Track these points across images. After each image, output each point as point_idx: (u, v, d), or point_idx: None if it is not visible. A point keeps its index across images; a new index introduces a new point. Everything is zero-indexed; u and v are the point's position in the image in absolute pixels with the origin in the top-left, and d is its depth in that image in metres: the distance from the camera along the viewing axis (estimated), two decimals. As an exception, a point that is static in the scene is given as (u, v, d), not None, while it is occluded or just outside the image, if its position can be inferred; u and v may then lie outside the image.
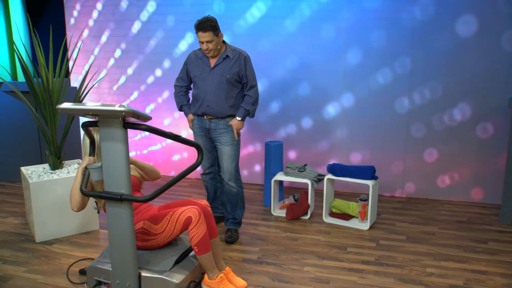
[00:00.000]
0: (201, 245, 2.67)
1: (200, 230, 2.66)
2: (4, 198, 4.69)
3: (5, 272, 3.12)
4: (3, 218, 4.11)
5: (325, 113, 4.70)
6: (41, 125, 3.75)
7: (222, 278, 2.75)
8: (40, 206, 3.59)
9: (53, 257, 3.34)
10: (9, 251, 3.44)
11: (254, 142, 5.03)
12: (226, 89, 3.40)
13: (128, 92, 5.47)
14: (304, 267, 3.16)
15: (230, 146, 3.48)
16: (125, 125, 2.37)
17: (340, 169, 3.89)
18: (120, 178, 2.43)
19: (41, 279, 3.01)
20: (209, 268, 2.74)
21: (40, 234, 3.61)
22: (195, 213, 2.68)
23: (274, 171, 4.26)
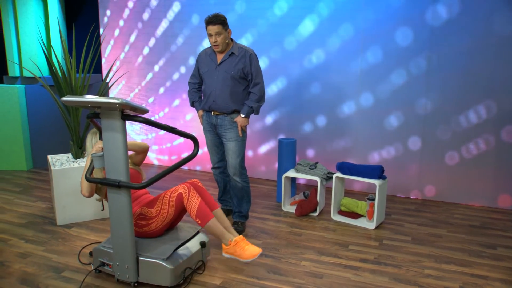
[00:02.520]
0: (200, 214, 2.80)
1: (194, 201, 2.80)
2: (36, 184, 5.01)
3: (26, 250, 3.39)
4: (33, 202, 4.41)
5: (341, 112, 4.74)
6: (66, 116, 4.00)
7: (236, 241, 2.84)
8: (61, 192, 3.84)
9: (69, 239, 3.58)
10: (32, 232, 3.71)
11: (272, 139, 5.12)
12: (231, 85, 3.52)
13: (155, 88, 5.70)
14: (302, 261, 3.23)
15: (234, 142, 3.60)
16: (123, 117, 2.54)
17: (348, 167, 3.93)
18: (119, 166, 2.61)
19: (55, 258, 3.25)
20: (220, 235, 2.84)
21: (61, 218, 3.86)
22: (184, 188, 2.85)
23: (287, 167, 4.35)
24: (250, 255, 2.83)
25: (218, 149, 3.80)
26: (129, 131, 6.02)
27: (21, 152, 5.47)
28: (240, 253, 2.82)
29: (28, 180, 5.17)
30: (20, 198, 4.54)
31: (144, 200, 3.10)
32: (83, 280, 2.88)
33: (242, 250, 2.83)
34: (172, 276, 2.74)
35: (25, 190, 4.79)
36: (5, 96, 5.31)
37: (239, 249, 2.82)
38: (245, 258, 2.82)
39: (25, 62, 5.56)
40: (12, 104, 5.32)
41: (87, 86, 4.07)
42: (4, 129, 5.39)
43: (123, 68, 5.83)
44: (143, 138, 5.94)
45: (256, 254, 2.84)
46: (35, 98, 5.47)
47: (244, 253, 2.82)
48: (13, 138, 5.43)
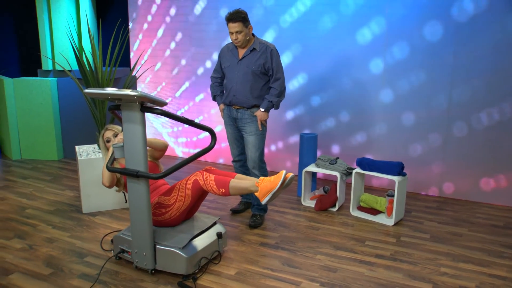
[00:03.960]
0: (219, 183, 2.85)
1: (210, 179, 2.87)
2: (66, 173, 5.19)
3: (53, 235, 3.54)
4: (61, 191, 4.58)
5: (363, 108, 4.71)
6: (92, 108, 4.13)
7: (261, 179, 2.84)
8: (87, 182, 3.97)
9: (93, 227, 3.71)
10: (59, 219, 3.86)
11: (295, 134, 5.14)
12: (252, 80, 3.56)
13: (181, 82, 5.79)
14: (317, 255, 3.25)
15: (254, 136, 3.64)
16: (143, 109, 2.61)
17: (368, 163, 3.91)
18: (137, 156, 2.69)
19: (79, 244, 3.38)
20: (247, 186, 2.85)
21: (86, 206, 4.00)
22: (198, 174, 2.93)
23: (307, 162, 4.36)
24: (278, 178, 2.78)
25: (239, 142, 3.84)
26: (156, 124, 6.15)
27: (53, 142, 5.67)
28: (271, 185, 2.77)
29: (59, 169, 5.35)
30: (50, 186, 4.72)
31: (162, 190, 3.18)
32: (103, 266, 2.99)
33: (270, 182, 2.79)
34: (187, 265, 2.81)
35: (55, 179, 4.96)
36: (39, 88, 5.51)
37: (268, 182, 2.79)
38: (277, 183, 2.76)
39: (57, 56, 5.76)
40: (45, 97, 5.51)
41: (113, 80, 4.17)
42: (37, 121, 5.60)
43: (150, 62, 5.95)
44: (169, 131, 6.05)
45: (282, 174, 2.78)
46: (66, 90, 5.65)
47: (273, 182, 2.77)
48: (45, 130, 5.62)
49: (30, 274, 2.95)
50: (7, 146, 5.82)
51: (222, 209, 4.17)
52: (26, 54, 6.71)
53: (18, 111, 5.58)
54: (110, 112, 2.86)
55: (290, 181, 2.83)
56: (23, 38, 6.64)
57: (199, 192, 2.96)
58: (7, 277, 2.91)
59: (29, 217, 3.91)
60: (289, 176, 2.81)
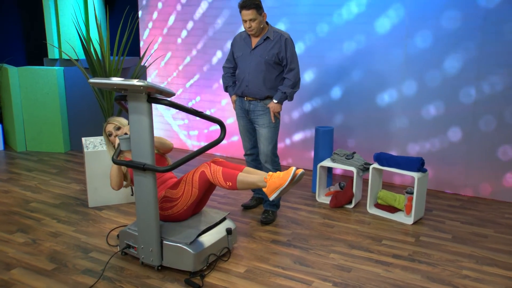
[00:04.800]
0: (227, 176, 2.89)
1: (217, 172, 2.91)
2: (72, 166, 5.27)
3: (57, 229, 3.61)
4: (67, 184, 4.66)
5: (382, 100, 4.70)
6: (100, 99, 4.19)
7: (270, 175, 2.87)
8: (93, 174, 4.04)
9: (99, 221, 3.77)
10: (64, 212, 3.94)
11: (311, 127, 5.15)
12: (265, 70, 3.58)
13: (192, 72, 5.83)
14: (330, 253, 3.27)
15: (267, 129, 3.66)
16: (149, 100, 2.65)
17: (386, 158, 3.91)
18: (144, 149, 2.74)
19: (84, 239, 3.45)
20: (255, 181, 2.88)
21: (92, 200, 4.07)
22: (205, 166, 2.97)
23: (323, 157, 4.38)
24: (287, 174, 2.79)
25: (251, 135, 3.87)
26: (167, 116, 6.20)
27: (59, 134, 5.76)
28: (279, 182, 2.79)
29: (65, 162, 5.44)
30: (56, 179, 4.80)
31: (170, 184, 3.23)
32: (108, 261, 3.05)
33: (279, 178, 2.81)
34: (195, 261, 2.86)
35: (61, 172, 5.05)
36: (45, 78, 5.59)
37: (276, 178, 2.81)
38: (286, 180, 2.78)
39: (64, 45, 5.83)
40: (51, 86, 5.60)
41: (121, 69, 4.23)
42: (44, 111, 5.69)
43: (161, 52, 6.00)
44: (180, 124, 6.10)
45: (291, 170, 2.79)
46: (73, 80, 5.73)
47: (282, 178, 2.79)
48: (51, 121, 5.72)
49: (32, 269, 3.01)
50: (11, 137, 5.93)
51: (232, 205, 4.21)
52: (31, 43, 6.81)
53: (23, 101, 5.68)
54: (117, 103, 2.91)
55: (300, 177, 2.84)
56: (28, 25, 6.74)
57: (207, 185, 3.00)
58: (9, 272, 2.98)
59: (33, 210, 3.99)
60: (299, 173, 2.82)
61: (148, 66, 4.95)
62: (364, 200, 4.33)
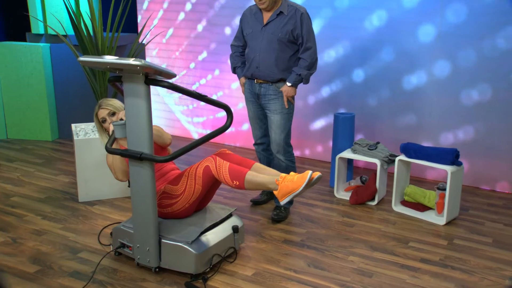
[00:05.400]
0: (234, 174, 2.96)
1: (223, 168, 2.98)
2: (61, 156, 5.38)
3: (42, 227, 3.71)
4: (54, 176, 4.77)
5: (410, 83, 4.73)
6: (91, 80, 4.28)
7: (283, 177, 2.93)
8: (84, 165, 4.14)
9: (90, 218, 3.87)
10: (51, 208, 4.04)
11: (329, 113, 5.20)
12: (278, 49, 3.63)
13: (197, 51, 5.90)
14: (349, 256, 3.34)
15: (279, 115, 3.72)
16: (147, 81, 2.72)
17: (415, 149, 3.95)
18: (141, 136, 2.81)
19: (72, 237, 3.54)
20: (265, 182, 2.95)
21: (83, 193, 4.17)
22: (210, 160, 3.03)
23: (342, 147, 4.44)
24: (302, 178, 2.85)
25: (262, 122, 3.94)
26: (168, 101, 6.27)
27: (45, 120, 5.85)
28: (292, 186, 2.85)
29: (52, 151, 5.55)
30: (41, 170, 4.91)
31: (171, 177, 3.30)
32: (98, 262, 3.13)
33: (293, 182, 2.87)
34: (197, 263, 2.93)
35: (48, 162, 5.16)
36: (28, 56, 5.67)
37: (290, 182, 2.87)
38: (300, 185, 2.84)
39: (49, 18, 5.86)
40: (36, 65, 5.68)
41: (115, 47, 4.31)
42: (28, 93, 5.77)
43: (161, 27, 6.06)
44: (183, 109, 6.17)
45: (307, 174, 2.85)
46: (61, 59, 5.80)
47: (296, 182, 2.85)
48: (36, 104, 5.80)
49: (12, 273, 3.06)
50: (-8, 123, 6.02)
51: (240, 199, 4.29)
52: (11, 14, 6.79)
53: (3, 82, 5.76)
54: (111, 85, 2.98)
55: (316, 181, 2.91)
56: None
57: (211, 181, 3.07)
58: (-14, 275, 3.06)
59: (14, 206, 4.08)
60: (315, 176, 2.88)
61: (147, 44, 5.03)
62: (388, 196, 4.39)
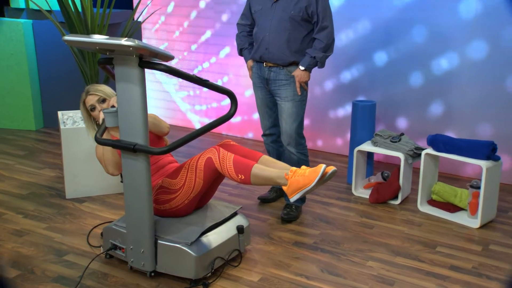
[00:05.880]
0: (239, 168, 2.98)
1: (227, 160, 3.00)
2: (46, 147, 5.42)
3: (23, 226, 3.74)
4: (39, 170, 4.81)
5: (439, 67, 4.71)
6: (80, 63, 4.31)
7: (293, 171, 2.95)
8: (72, 157, 4.16)
9: (79, 216, 3.91)
10: (33, 205, 4.08)
11: (347, 101, 5.20)
12: (290, 29, 3.64)
13: (200, 31, 5.91)
14: (368, 261, 3.35)
15: (291, 103, 3.73)
16: (142, 64, 2.73)
17: (444, 142, 3.93)
18: (135, 125, 2.82)
19: (58, 238, 3.57)
20: (273, 176, 2.96)
21: (71, 189, 4.20)
22: (213, 151, 3.05)
23: (361, 139, 4.44)
24: (314, 173, 2.85)
25: (271, 111, 3.95)
26: (168, 86, 6.29)
27: (29, 107, 5.89)
28: (304, 181, 2.86)
29: (36, 142, 5.59)
30: (24, 163, 4.95)
31: (169, 171, 3.32)
32: (87, 266, 3.13)
33: (304, 176, 2.88)
34: (197, 266, 2.95)
35: (31, 154, 5.20)
36: (7, 33, 5.63)
37: (301, 177, 2.89)
38: (312, 180, 2.84)
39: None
40: (16, 45, 5.68)
41: (107, 25, 4.33)
42: (7, 77, 5.78)
43: (160, 3, 6.07)
44: (184, 96, 6.19)
45: (320, 168, 2.85)
46: (46, 37, 5.78)
47: (308, 177, 2.86)
48: (18, 90, 5.82)
49: (-12, 278, 3.11)
50: (-33, 110, 6.03)
51: (247, 197, 4.32)
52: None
53: (-19, 64, 5.77)
54: (100, 68, 3.00)
55: (330, 176, 2.92)
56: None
57: (214, 174, 3.08)
58: (-42, 281, 3.10)
59: (-7, 202, 4.13)
60: (330, 171, 2.89)
61: (143, 22, 5.04)
62: (414, 195, 4.38)
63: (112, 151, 3.18)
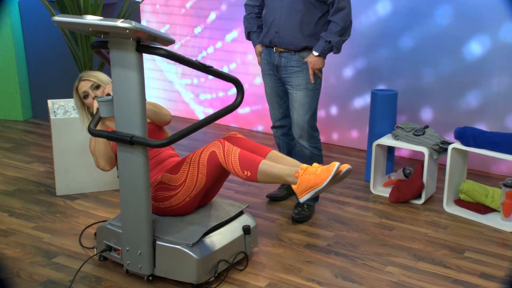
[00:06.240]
0: (245, 163, 2.97)
1: (232, 154, 2.99)
2: (35, 139, 5.44)
3: (9, 226, 3.75)
4: (27, 164, 4.82)
5: (469, 52, 4.68)
6: (72, 46, 4.30)
7: (303, 168, 2.94)
8: (63, 151, 4.17)
9: (70, 215, 3.92)
10: (21, 203, 4.09)
11: (366, 90, 5.18)
12: (303, 10, 3.62)
13: (204, 13, 5.90)
14: (387, 266, 3.33)
15: (303, 91, 3.72)
16: (139, 48, 2.72)
17: (474, 136, 3.90)
18: (132, 115, 2.82)
19: (47, 239, 3.58)
20: (282, 174, 2.95)
21: (62, 185, 4.21)
22: (217, 145, 3.04)
23: (381, 132, 4.43)
24: (327, 171, 2.85)
25: (281, 100, 3.94)
26: (169, 73, 6.28)
27: (16, 95, 5.89)
28: (315, 180, 2.86)
29: (24, 133, 5.61)
30: (11, 157, 4.96)
31: (169, 166, 3.32)
32: (78, 269, 3.11)
33: (315, 175, 2.87)
34: (199, 270, 2.94)
35: (19, 147, 5.21)
36: (-8, 14, 5.65)
37: (312, 175, 2.88)
38: (325, 179, 2.84)
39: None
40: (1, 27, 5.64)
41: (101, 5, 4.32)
42: (-8, 62, 5.79)
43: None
44: (187, 84, 6.18)
45: (333, 166, 2.85)
46: (35, 18, 5.73)
47: (320, 176, 2.86)
48: (4, 75, 5.82)
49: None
50: None
51: (254, 194, 4.32)
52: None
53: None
54: (94, 52, 2.99)
55: (345, 175, 2.91)
56: None
57: (218, 170, 3.08)
58: None
59: (-25, 200, 4.14)
60: (344, 169, 2.88)
61: (142, 2, 5.03)
62: (439, 194, 4.36)
63: (105, 143, 3.20)
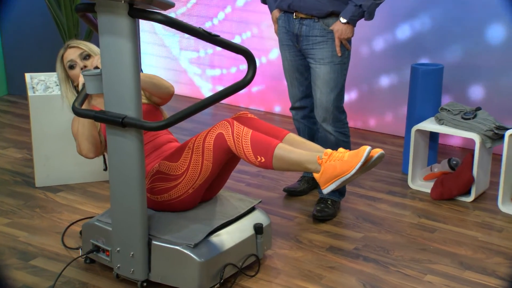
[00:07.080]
0: (259, 147, 2.95)
1: (243, 136, 2.97)
2: (10, 120, 5.54)
3: (-22, 222, 3.84)
4: (1, 149, 4.93)
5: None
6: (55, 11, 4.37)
7: (328, 154, 2.92)
8: (43, 133, 4.24)
9: (52, 210, 3.99)
10: (-7, 196, 4.18)
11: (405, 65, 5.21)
12: (327, -32, 3.66)
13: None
14: (427, 275, 3.36)
15: (328, 66, 3.75)
16: (132, 13, 2.74)
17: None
18: (124, 92, 2.83)
19: (24, 237, 3.65)
20: (302, 160, 2.94)
21: (42, 175, 4.29)
22: (225, 126, 3.03)
23: (422, 115, 4.45)
24: (356, 157, 2.82)
25: (302, 77, 3.99)
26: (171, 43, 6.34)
27: (-12, 68, 6.01)
28: (342, 167, 2.84)
29: (-1, 113, 5.71)
30: (-18, 142, 5.07)
31: (167, 152, 3.35)
32: (59, 274, 3.13)
33: (342, 161, 2.85)
34: (202, 275, 2.99)
35: (-9, 130, 5.32)
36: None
37: (338, 162, 2.86)
38: (353, 165, 2.81)
39: None
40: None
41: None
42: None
43: None
44: (192, 58, 6.21)
45: (364, 151, 2.82)
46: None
47: (348, 162, 2.83)
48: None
49: None
50: None
51: (269, 188, 4.38)
52: None
53: None
54: (79, 16, 3.03)
55: (377, 162, 2.90)
56: None
57: (226, 156, 3.10)
58: None
59: None
60: (376, 155, 2.86)
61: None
62: (493, 190, 4.38)
63: (91, 125, 3.19)
